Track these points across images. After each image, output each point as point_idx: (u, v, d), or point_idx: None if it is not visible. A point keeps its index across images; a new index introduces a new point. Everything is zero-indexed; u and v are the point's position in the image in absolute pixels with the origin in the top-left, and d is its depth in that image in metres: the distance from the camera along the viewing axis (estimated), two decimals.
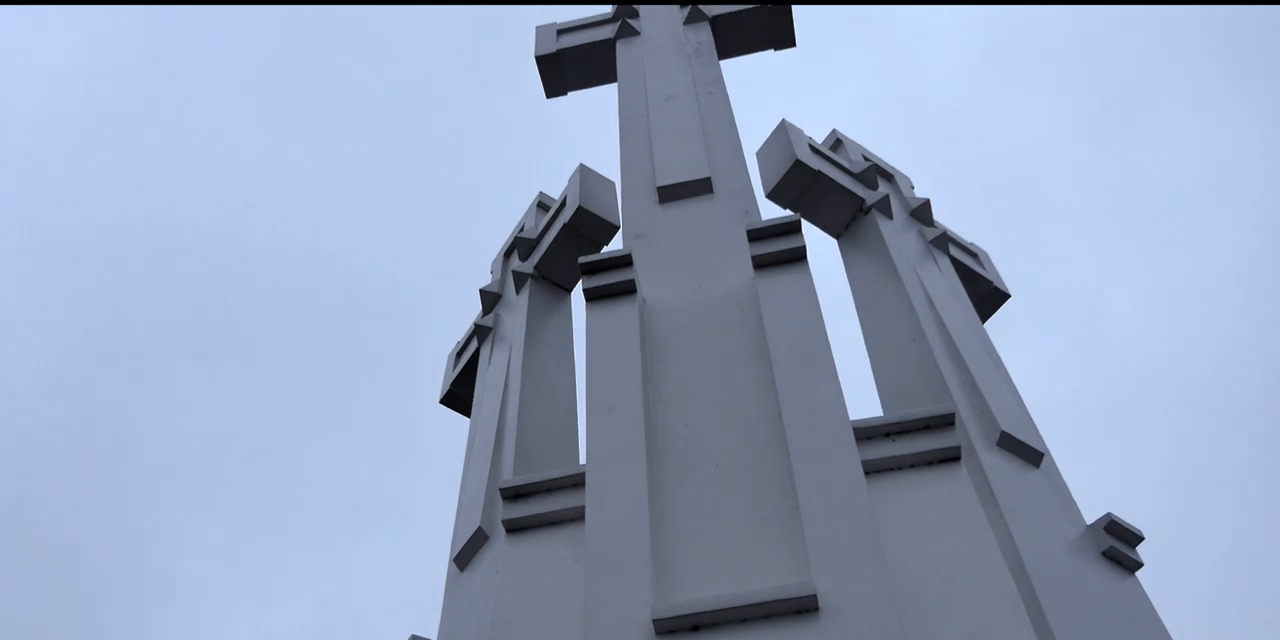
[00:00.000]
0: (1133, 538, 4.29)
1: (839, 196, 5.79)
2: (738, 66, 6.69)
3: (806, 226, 5.19)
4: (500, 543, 3.89)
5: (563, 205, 5.97)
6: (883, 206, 5.78)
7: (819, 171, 5.75)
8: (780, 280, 4.08)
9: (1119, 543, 4.24)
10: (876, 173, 6.04)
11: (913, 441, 3.48)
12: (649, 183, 5.16)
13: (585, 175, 5.95)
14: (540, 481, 3.74)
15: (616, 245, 5.55)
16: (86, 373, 19.49)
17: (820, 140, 6.37)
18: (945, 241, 5.90)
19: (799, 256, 4.14)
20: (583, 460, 3.64)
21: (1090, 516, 4.37)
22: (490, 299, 6.04)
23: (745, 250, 4.24)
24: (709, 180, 5.03)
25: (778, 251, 4.15)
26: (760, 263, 4.16)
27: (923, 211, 6.00)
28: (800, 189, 5.74)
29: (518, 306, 5.72)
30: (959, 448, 3.46)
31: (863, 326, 5.30)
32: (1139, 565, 4.26)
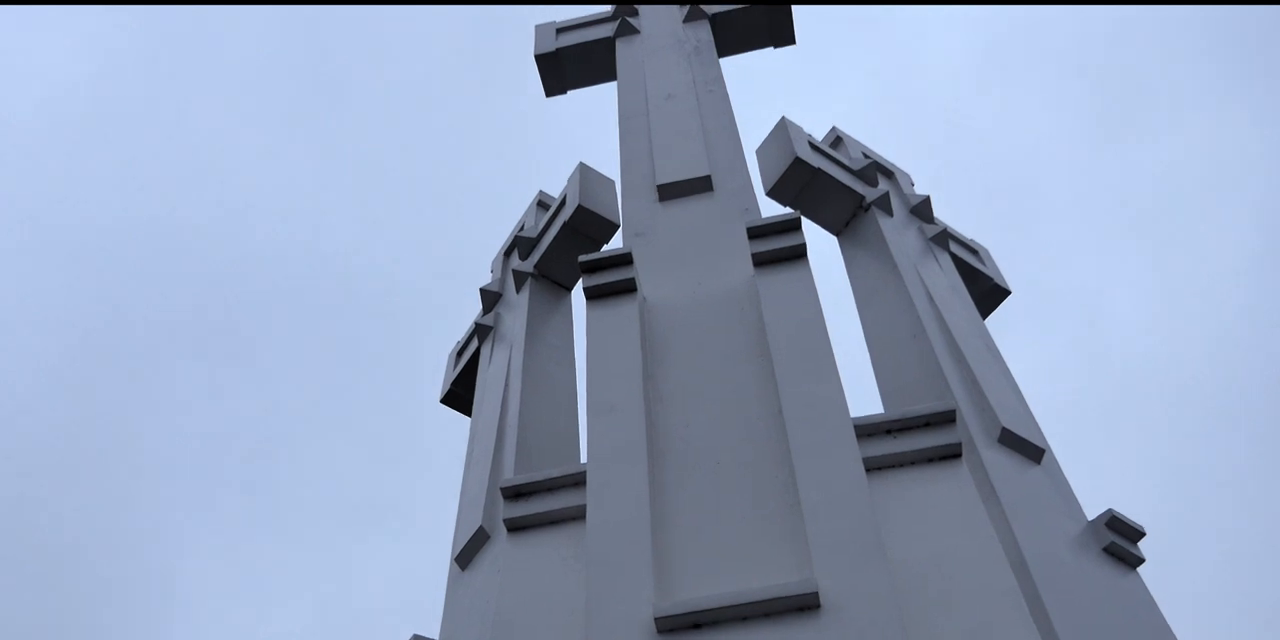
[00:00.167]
0: (1134, 533, 4.28)
1: (839, 194, 5.79)
2: (737, 65, 6.69)
3: (807, 224, 5.20)
4: (501, 542, 3.89)
5: (562, 204, 5.96)
6: (883, 204, 5.77)
7: (819, 169, 5.74)
8: (780, 278, 4.08)
9: (1120, 538, 4.23)
10: (876, 170, 6.04)
11: (914, 438, 3.48)
12: (649, 181, 5.15)
13: (585, 174, 5.95)
14: (541, 480, 3.73)
15: (617, 244, 5.55)
16: (86, 373, 19.50)
17: (820, 138, 6.36)
18: (945, 238, 5.90)
19: (799, 254, 4.14)
20: (584, 459, 3.64)
21: (1091, 515, 4.36)
22: (490, 298, 6.04)
23: (745, 248, 4.24)
24: (709, 178, 5.03)
25: (778, 249, 4.14)
26: (760, 260, 4.15)
27: (923, 208, 6.00)
28: (800, 186, 5.74)
29: (518, 305, 5.71)
30: (960, 444, 3.46)
31: (863, 323, 5.29)
32: (1140, 561, 4.26)
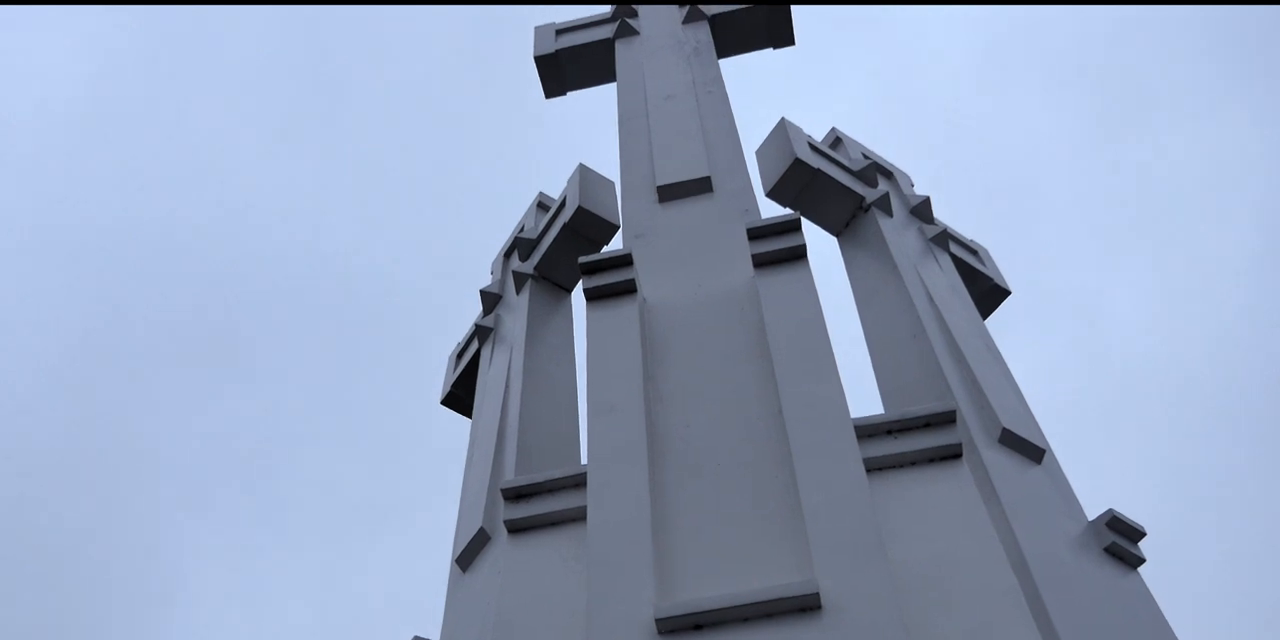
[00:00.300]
0: (1135, 533, 4.28)
1: (839, 194, 5.79)
2: (737, 65, 6.69)
3: (806, 225, 5.19)
4: (502, 543, 3.88)
5: (562, 205, 5.96)
6: (882, 204, 5.77)
7: (819, 170, 5.75)
8: (780, 279, 4.08)
9: (1121, 538, 4.23)
10: (876, 170, 6.04)
11: (914, 439, 3.48)
12: (649, 182, 5.15)
13: (585, 175, 5.95)
14: (542, 482, 3.73)
15: (616, 245, 5.55)
16: (86, 373, 19.50)
17: (819, 139, 6.37)
18: (945, 239, 5.90)
19: (799, 255, 4.14)
20: (584, 460, 3.64)
21: (1091, 515, 4.37)
22: (490, 300, 6.04)
23: (745, 249, 4.24)
24: (709, 179, 5.03)
25: (778, 250, 4.14)
26: (760, 261, 4.15)
27: (923, 209, 6.00)
28: (800, 187, 5.74)
29: (518, 307, 5.71)
30: (960, 445, 3.46)
31: (863, 324, 5.29)
32: (1141, 561, 4.26)
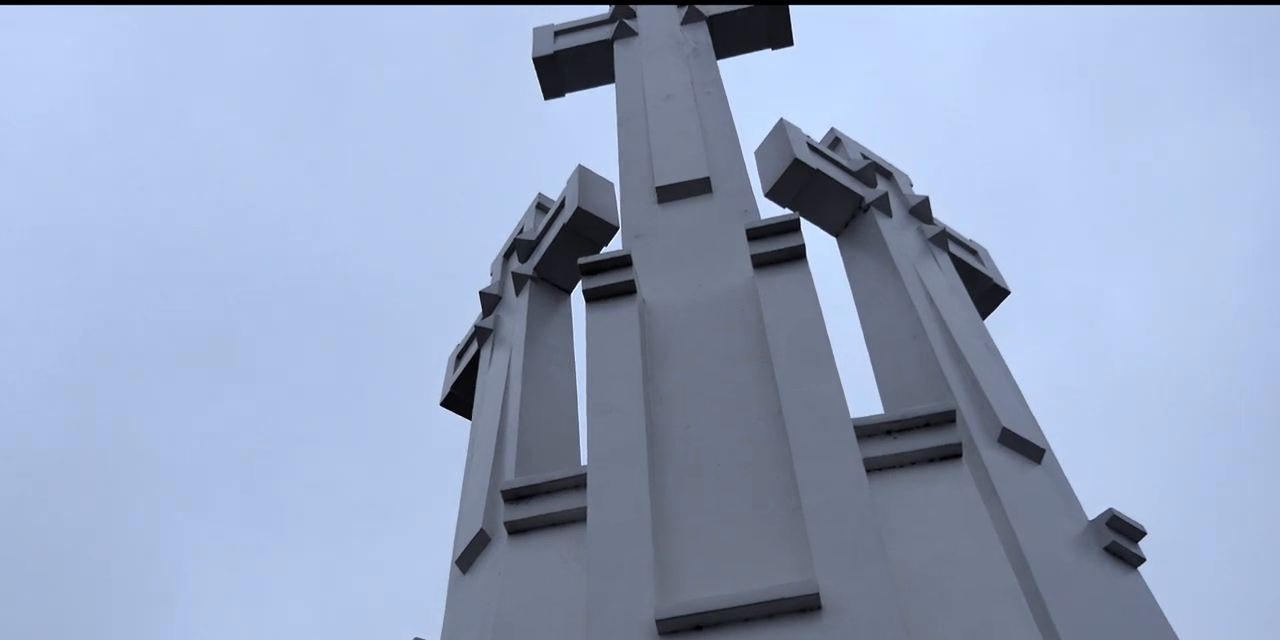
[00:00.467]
0: (1135, 533, 4.28)
1: (838, 195, 5.79)
2: (736, 66, 6.69)
3: (806, 225, 5.19)
4: (502, 544, 3.88)
5: (561, 206, 5.96)
6: (882, 204, 5.78)
7: (818, 170, 5.75)
8: (780, 279, 4.08)
9: (1121, 538, 4.23)
10: (875, 171, 6.04)
11: (914, 439, 3.48)
12: (648, 183, 5.15)
13: (584, 176, 5.95)
14: (542, 483, 3.73)
15: (616, 246, 5.55)
16: (86, 373, 19.50)
17: (819, 139, 6.37)
18: (945, 239, 5.90)
19: (798, 255, 4.14)
20: (584, 461, 3.64)
21: (1091, 515, 4.36)
22: (490, 301, 6.04)
23: (745, 249, 4.24)
24: (708, 180, 5.03)
25: (777, 250, 4.14)
26: (760, 262, 4.15)
27: (922, 209, 6.00)
28: (799, 188, 5.74)
29: (518, 308, 5.71)
30: (960, 445, 3.46)
31: (863, 324, 5.29)
32: (1141, 560, 4.26)
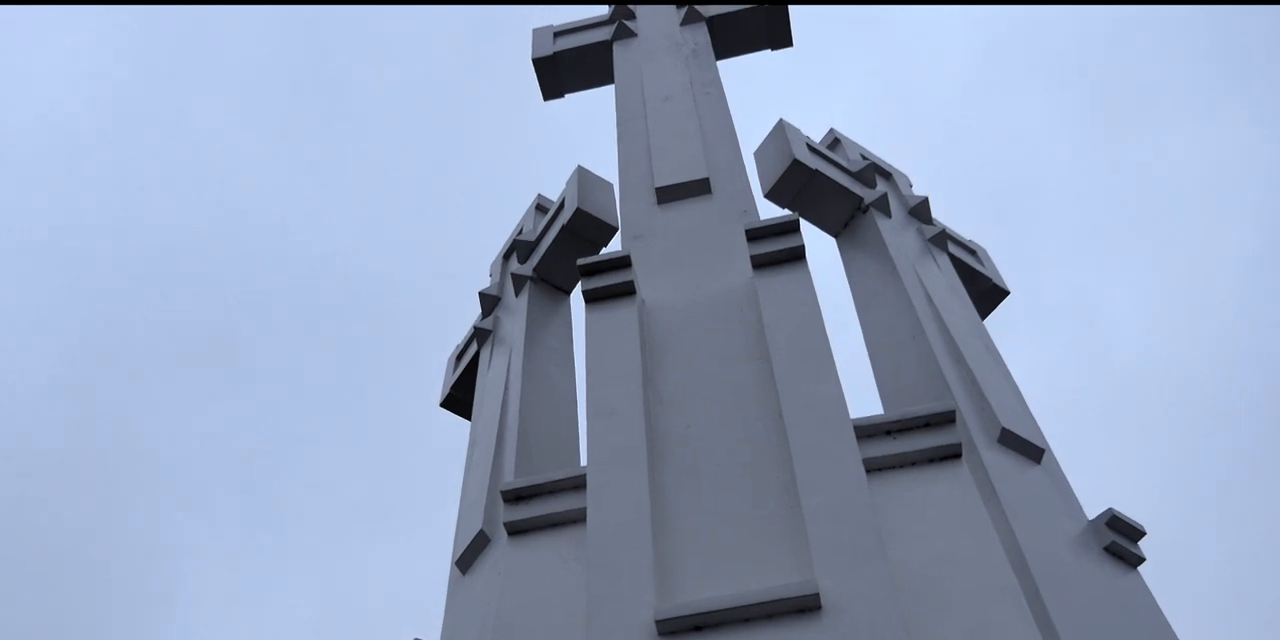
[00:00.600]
0: (1135, 533, 4.28)
1: (837, 195, 5.79)
2: (736, 66, 6.69)
3: (805, 226, 5.19)
4: (502, 545, 3.88)
5: (561, 207, 5.96)
6: (881, 205, 5.78)
7: (817, 170, 5.75)
8: (779, 280, 4.08)
9: (1121, 538, 4.23)
10: (874, 171, 6.04)
11: (914, 439, 3.48)
12: (647, 184, 5.15)
13: (583, 177, 5.95)
14: (541, 484, 3.73)
15: (615, 246, 5.55)
16: (86, 373, 19.51)
17: (818, 140, 6.37)
18: (944, 239, 5.90)
19: (798, 256, 4.14)
20: (584, 462, 3.64)
21: (1091, 515, 4.36)
22: (489, 302, 6.04)
23: (744, 250, 4.24)
24: (707, 181, 5.03)
25: (776, 251, 4.14)
26: (759, 262, 4.15)
27: (921, 209, 6.00)
28: (798, 188, 5.74)
29: (517, 309, 5.71)
30: (960, 445, 3.46)
31: (862, 325, 5.29)
32: (1141, 560, 4.25)
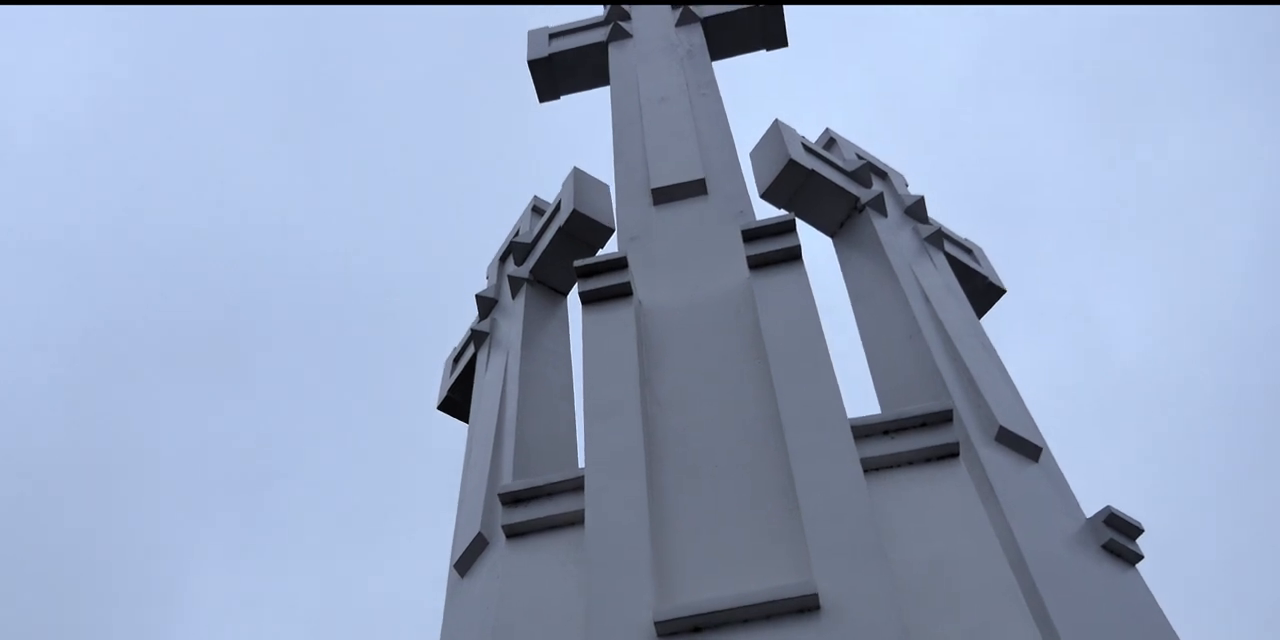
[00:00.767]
0: (1133, 530, 4.28)
1: (833, 195, 5.79)
2: (731, 67, 6.70)
3: (801, 226, 5.19)
4: (500, 548, 3.88)
5: (557, 209, 5.96)
6: (877, 204, 5.78)
7: (813, 170, 5.75)
8: (776, 280, 4.08)
9: (1119, 535, 4.23)
10: (870, 171, 6.04)
11: (911, 438, 3.48)
12: (643, 185, 5.16)
13: (579, 178, 5.95)
14: (540, 486, 3.73)
15: (612, 248, 5.55)
16: (86, 373, 19.52)
17: (814, 140, 6.37)
18: (940, 238, 5.90)
19: (794, 256, 4.14)
20: (582, 464, 3.64)
21: (1089, 513, 4.36)
22: (486, 304, 6.03)
23: (740, 251, 4.24)
24: (703, 181, 5.03)
25: (773, 251, 4.14)
26: (755, 263, 4.15)
27: (917, 208, 6.00)
28: (794, 188, 5.74)
29: (514, 311, 5.71)
30: (957, 444, 3.46)
31: (859, 324, 5.29)
32: (1139, 558, 4.25)
